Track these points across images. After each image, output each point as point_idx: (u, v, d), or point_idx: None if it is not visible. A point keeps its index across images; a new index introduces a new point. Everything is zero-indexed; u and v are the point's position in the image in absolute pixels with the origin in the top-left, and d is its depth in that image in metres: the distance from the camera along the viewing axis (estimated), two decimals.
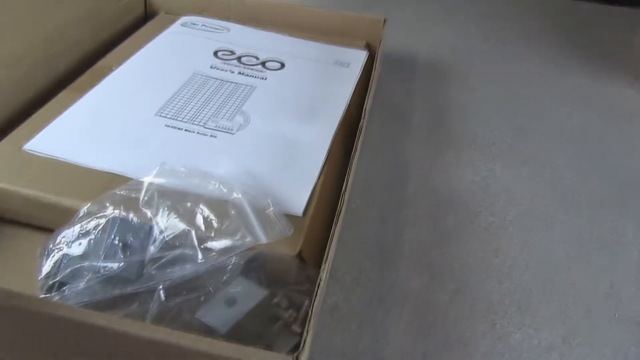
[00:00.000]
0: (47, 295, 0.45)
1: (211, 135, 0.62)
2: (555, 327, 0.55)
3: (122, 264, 0.46)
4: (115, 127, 0.62)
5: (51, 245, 0.48)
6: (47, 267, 0.46)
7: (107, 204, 0.50)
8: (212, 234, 0.48)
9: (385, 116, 0.85)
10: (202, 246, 0.47)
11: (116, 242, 0.47)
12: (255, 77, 0.75)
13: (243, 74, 0.75)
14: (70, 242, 0.47)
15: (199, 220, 0.49)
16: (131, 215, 0.49)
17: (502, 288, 0.59)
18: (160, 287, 0.46)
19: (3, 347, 0.44)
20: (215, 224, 0.49)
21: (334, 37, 0.87)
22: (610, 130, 0.88)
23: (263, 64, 0.78)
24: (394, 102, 0.89)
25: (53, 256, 0.47)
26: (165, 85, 0.70)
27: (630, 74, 1.04)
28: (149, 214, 0.49)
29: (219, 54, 0.79)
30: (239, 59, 0.78)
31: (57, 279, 0.46)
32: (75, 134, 0.60)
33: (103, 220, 0.48)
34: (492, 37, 1.16)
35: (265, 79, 0.74)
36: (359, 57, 0.83)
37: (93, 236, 0.48)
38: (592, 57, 1.10)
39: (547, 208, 0.70)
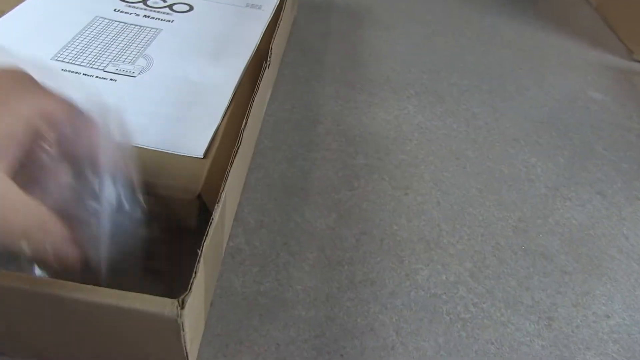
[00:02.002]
0: None
1: (111, 79, 0.59)
2: (464, 262, 0.55)
3: None
4: None
5: None
6: None
7: None
8: None
9: (299, 58, 0.82)
10: None
11: None
12: (162, 19, 0.70)
13: (149, 17, 0.71)
14: None
15: None
16: None
17: (411, 226, 0.58)
18: None
19: None
20: None
21: None
22: (524, 69, 0.88)
23: (170, 6, 0.74)
24: (309, 44, 0.87)
25: None
26: (63, 29, 0.65)
27: (544, 17, 1.04)
28: None
29: None
30: (144, 1, 0.74)
31: None
32: None
33: None
34: None
35: (172, 21, 0.71)
36: None
37: None
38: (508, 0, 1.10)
39: (460, 146, 0.69)
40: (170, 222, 0.50)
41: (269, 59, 0.62)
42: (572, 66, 0.90)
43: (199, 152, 0.52)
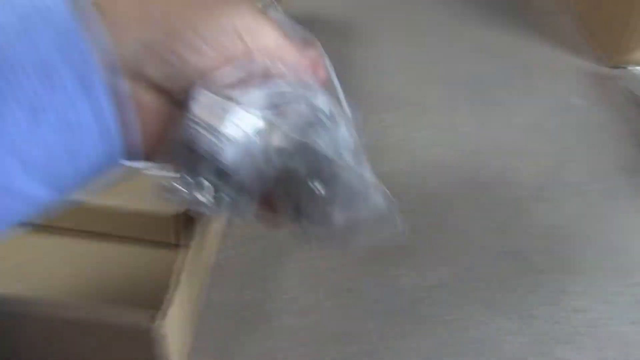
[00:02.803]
0: None
1: None
2: (446, 266, 0.56)
3: None
4: None
5: None
6: None
7: None
8: None
9: None
10: None
11: None
12: None
13: None
14: None
15: None
16: None
17: (392, 233, 0.59)
18: None
19: None
20: None
21: None
22: (510, 78, 0.89)
23: None
24: None
25: None
26: None
27: (528, 27, 1.06)
28: None
29: None
30: None
31: None
32: None
33: None
34: None
35: None
36: None
37: None
38: (494, 10, 1.12)
39: (443, 156, 0.71)
40: (158, 237, 0.52)
41: None
42: (554, 73, 0.91)
43: None
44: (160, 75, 0.26)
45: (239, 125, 0.27)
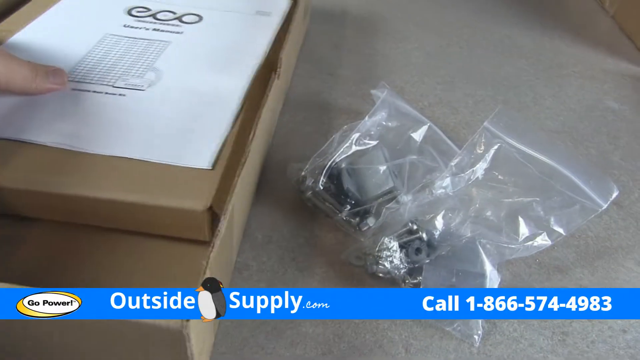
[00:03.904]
0: None
1: (120, 94, 0.59)
2: None
3: None
4: (18, 96, 0.58)
5: None
6: None
7: None
8: None
9: (311, 70, 0.82)
10: None
11: None
12: (171, 32, 0.71)
13: (158, 30, 0.71)
14: None
15: None
16: None
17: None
18: None
19: None
20: None
21: None
22: (540, 79, 0.87)
23: (179, 18, 0.74)
24: (321, 55, 0.86)
25: None
26: (73, 49, 0.65)
27: (560, 26, 1.03)
28: None
29: (133, 11, 0.75)
30: (154, 15, 0.75)
31: None
32: None
33: None
34: None
35: (182, 33, 0.71)
36: (281, 5, 0.80)
37: None
38: (525, 9, 1.09)
39: None
40: (188, 234, 0.50)
41: (278, 69, 0.62)
42: (588, 75, 0.88)
43: (206, 163, 0.51)
44: None
45: None
